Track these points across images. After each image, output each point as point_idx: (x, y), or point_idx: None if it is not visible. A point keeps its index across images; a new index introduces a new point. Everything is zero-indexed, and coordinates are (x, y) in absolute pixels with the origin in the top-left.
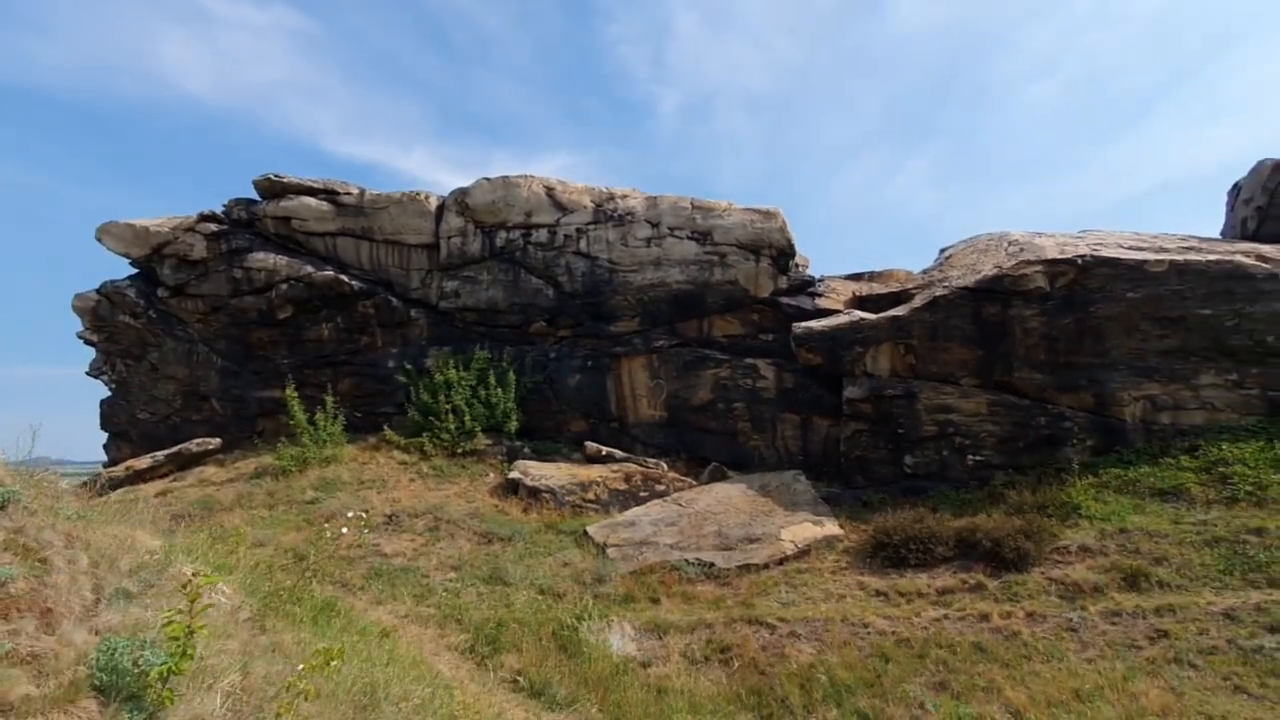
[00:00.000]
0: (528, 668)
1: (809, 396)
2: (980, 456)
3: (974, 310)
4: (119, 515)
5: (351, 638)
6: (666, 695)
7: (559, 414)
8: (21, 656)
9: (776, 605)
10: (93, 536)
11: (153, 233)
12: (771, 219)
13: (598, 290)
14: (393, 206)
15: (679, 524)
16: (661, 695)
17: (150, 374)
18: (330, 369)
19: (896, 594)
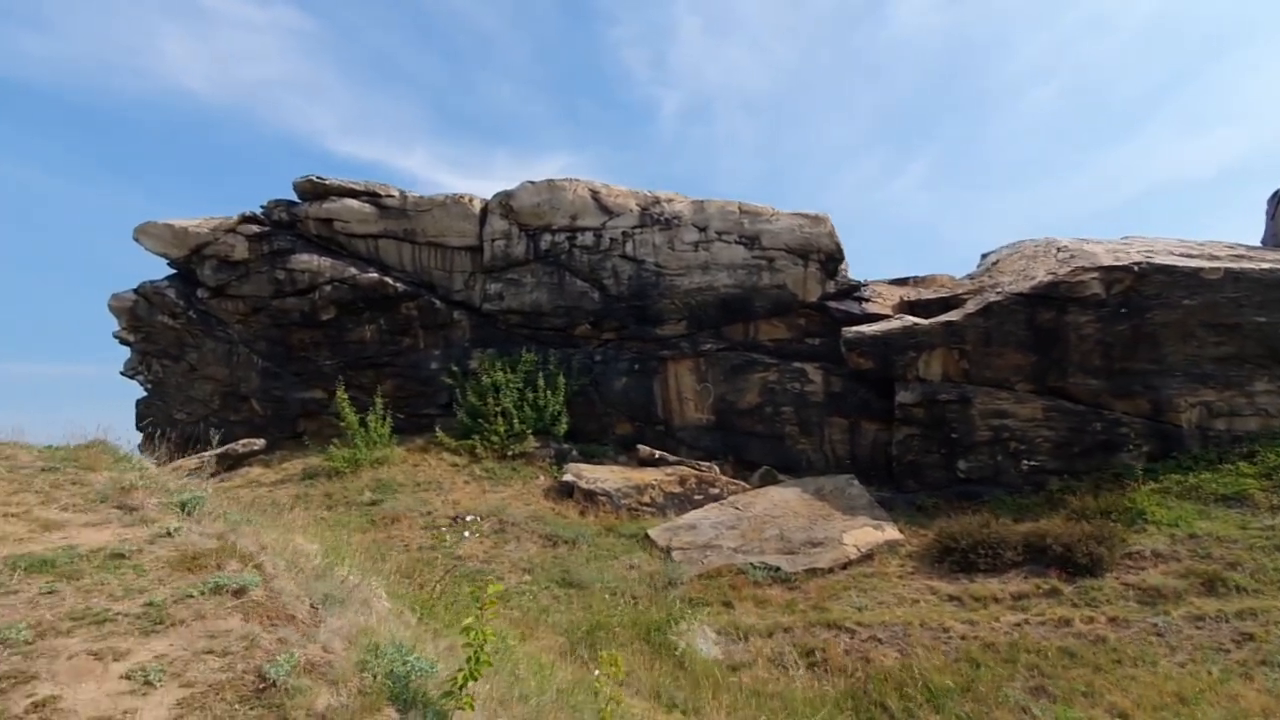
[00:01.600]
0: (635, 670)
1: (857, 401)
2: (1035, 462)
3: (1029, 316)
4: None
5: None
6: (765, 699)
7: (604, 417)
8: (304, 665)
9: (850, 610)
10: (266, 541)
11: (192, 233)
12: (820, 224)
13: (644, 293)
14: (436, 209)
15: (739, 527)
16: (760, 699)
17: (188, 374)
18: (372, 370)
19: (971, 599)
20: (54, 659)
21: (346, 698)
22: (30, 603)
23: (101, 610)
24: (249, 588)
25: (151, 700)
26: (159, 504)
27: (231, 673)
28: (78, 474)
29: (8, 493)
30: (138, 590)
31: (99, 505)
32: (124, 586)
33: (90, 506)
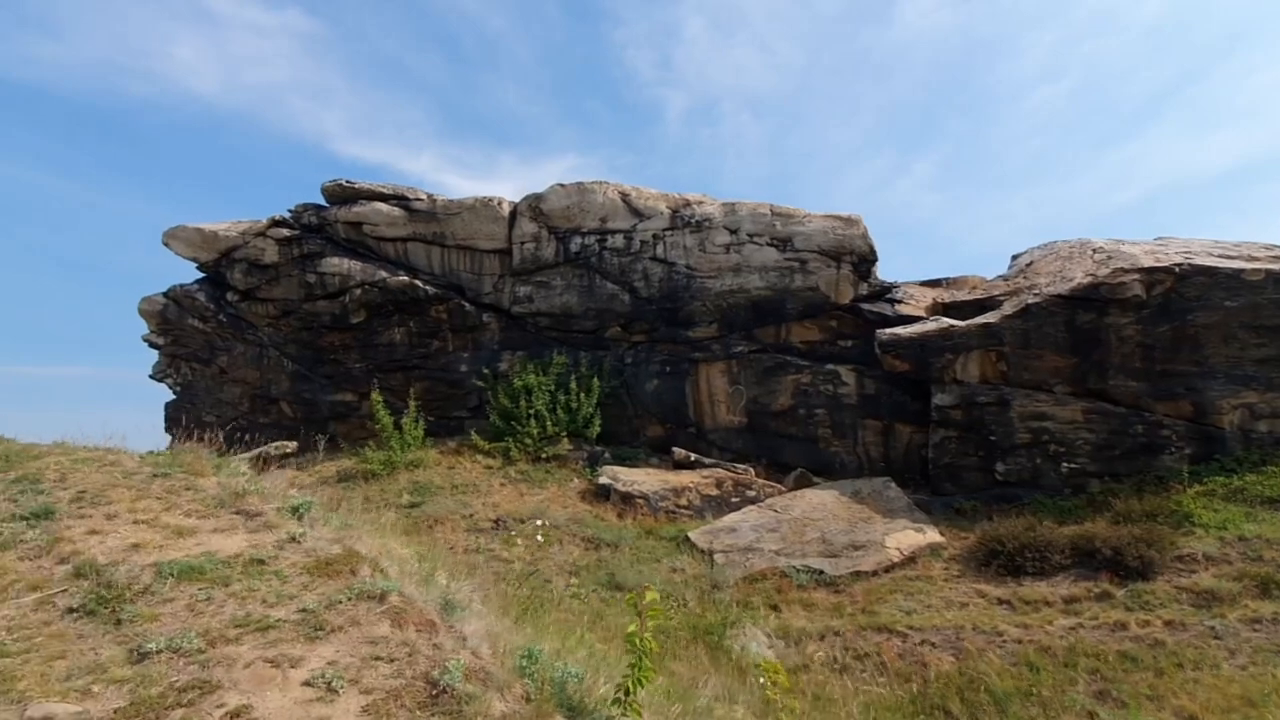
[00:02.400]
0: (699, 674)
1: (891, 403)
2: (1075, 464)
3: (1068, 318)
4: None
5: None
6: (827, 704)
7: (635, 419)
8: (468, 671)
9: (899, 613)
10: (369, 545)
11: (221, 237)
12: (853, 225)
13: (675, 296)
14: (465, 212)
15: (779, 530)
16: (823, 703)
17: (217, 377)
18: (402, 373)
19: (1021, 602)
20: (231, 667)
21: (515, 704)
22: (190, 610)
23: (261, 617)
24: (388, 594)
25: (338, 707)
26: (276, 510)
27: (403, 679)
28: (188, 480)
29: (132, 500)
30: (288, 596)
31: (219, 511)
32: (274, 593)
33: (211, 512)
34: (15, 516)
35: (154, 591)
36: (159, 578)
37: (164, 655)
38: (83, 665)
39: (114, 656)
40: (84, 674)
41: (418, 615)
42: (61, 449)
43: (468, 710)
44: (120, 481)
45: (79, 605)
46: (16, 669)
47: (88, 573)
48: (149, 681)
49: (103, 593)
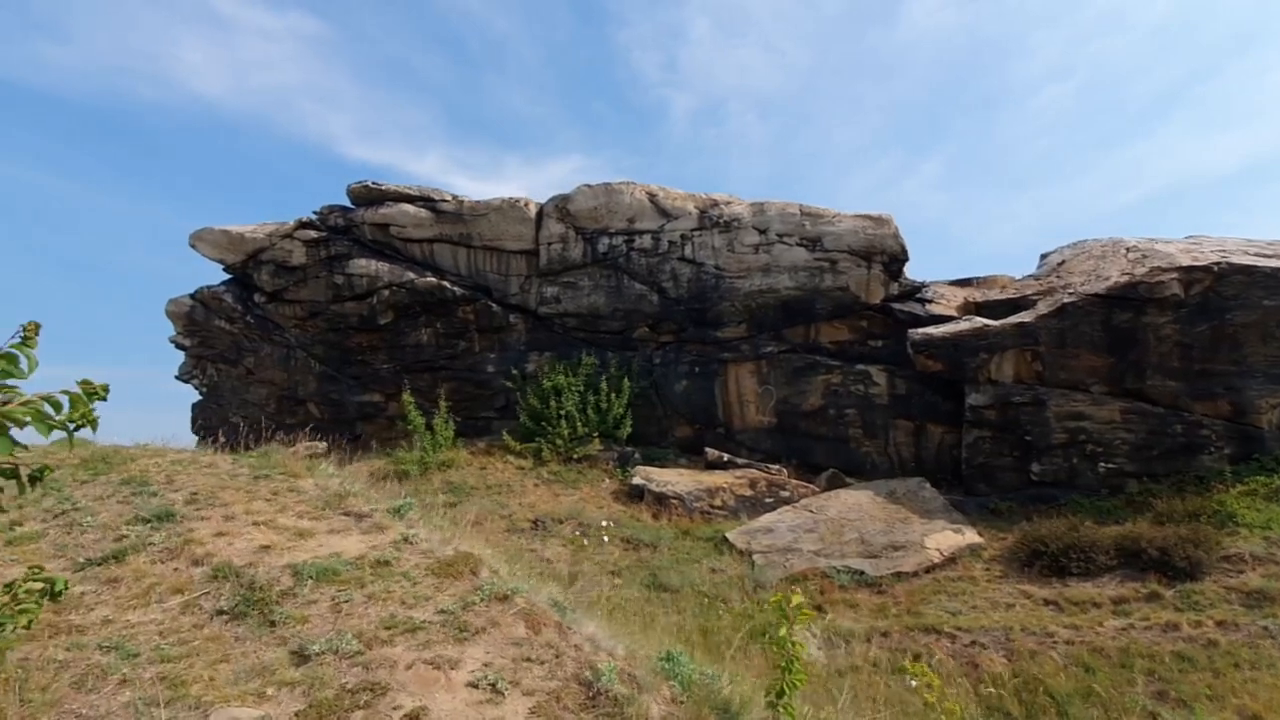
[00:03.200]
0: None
1: (923, 403)
2: (1113, 464)
3: (1105, 317)
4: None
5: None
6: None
7: (664, 419)
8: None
9: (944, 614)
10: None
11: (248, 239)
12: (884, 225)
13: (704, 296)
14: (492, 213)
15: (817, 530)
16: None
17: (243, 378)
18: (429, 374)
19: (1068, 603)
20: (393, 669)
21: (668, 706)
22: (335, 611)
23: (406, 619)
24: (514, 595)
25: (507, 709)
26: (380, 511)
27: (557, 680)
28: (289, 481)
29: (245, 501)
30: (423, 598)
31: (327, 512)
32: (409, 594)
33: (320, 514)
34: (137, 519)
35: (296, 594)
36: (298, 580)
37: (326, 657)
38: (248, 668)
39: (277, 659)
40: (252, 677)
41: (545, 617)
42: (149, 451)
43: (628, 712)
44: (227, 483)
45: (228, 608)
46: (183, 673)
47: (227, 575)
48: (320, 684)
49: (249, 595)
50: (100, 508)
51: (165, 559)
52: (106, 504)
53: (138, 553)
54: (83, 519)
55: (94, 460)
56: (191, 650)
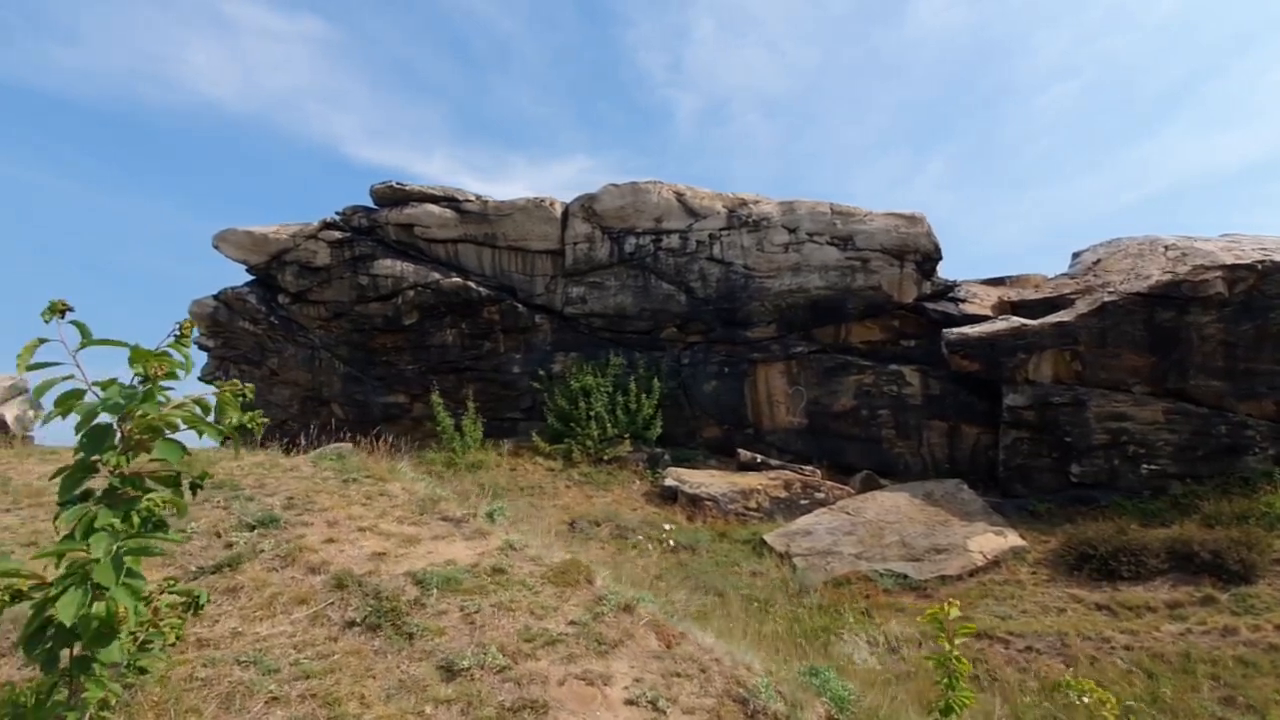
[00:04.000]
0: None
1: (957, 403)
2: (1155, 465)
3: (1147, 316)
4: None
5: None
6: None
7: (692, 420)
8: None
9: (995, 619)
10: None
11: (271, 240)
12: (916, 224)
13: (733, 296)
14: (517, 213)
15: (856, 533)
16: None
17: (267, 379)
18: (454, 374)
19: (1121, 607)
20: (545, 684)
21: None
22: (468, 622)
23: (540, 630)
24: (635, 605)
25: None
26: (479, 515)
27: (711, 697)
28: (378, 485)
29: (342, 506)
30: (549, 608)
31: (424, 517)
32: (535, 604)
33: (418, 519)
34: (241, 525)
35: (424, 604)
36: (423, 589)
37: (475, 672)
38: (396, 684)
39: (425, 674)
40: (404, 693)
41: (670, 628)
42: (224, 454)
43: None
44: (319, 487)
45: (359, 619)
46: (332, 690)
47: (349, 584)
48: (478, 701)
49: (378, 605)
50: (198, 513)
51: (280, 566)
52: (203, 509)
53: (251, 560)
54: (183, 524)
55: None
56: (333, 665)
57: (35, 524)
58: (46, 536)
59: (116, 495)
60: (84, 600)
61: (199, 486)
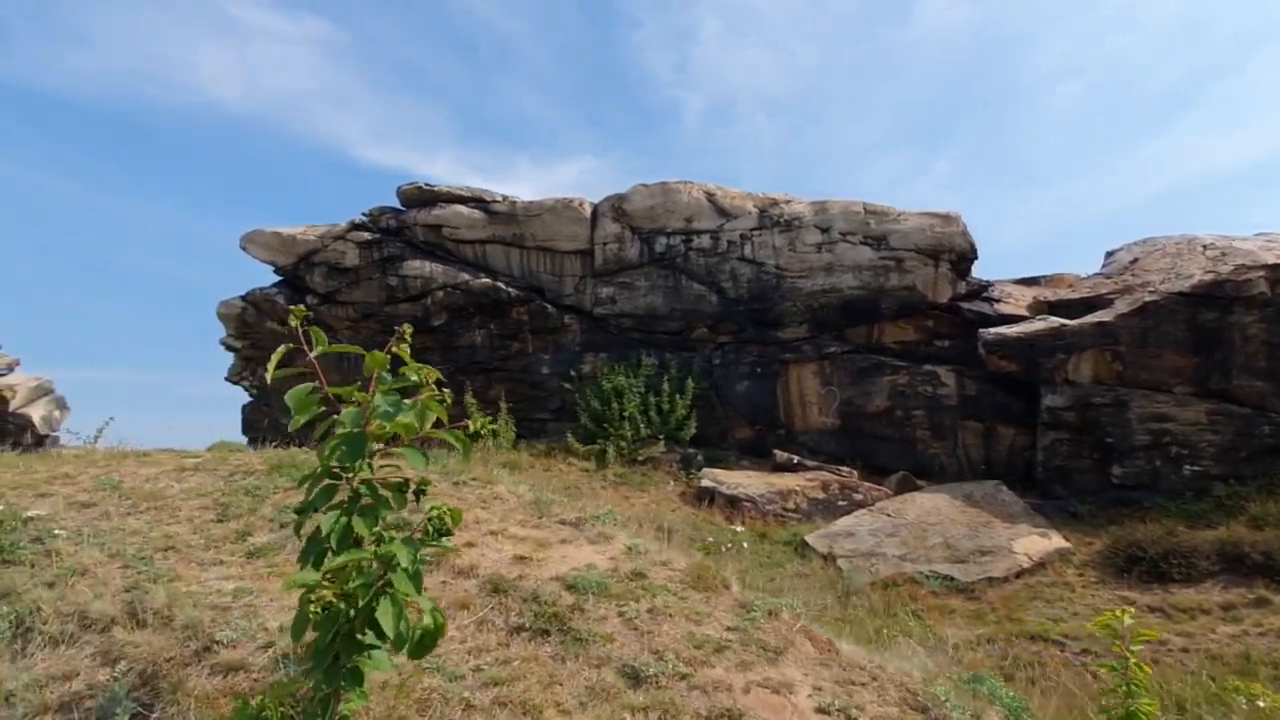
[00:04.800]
0: None
1: (993, 404)
2: (1198, 467)
3: (1189, 316)
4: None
5: None
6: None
7: (723, 421)
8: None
9: (1047, 621)
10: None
11: (299, 241)
12: (952, 223)
13: (764, 296)
14: (546, 214)
15: (899, 535)
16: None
17: (294, 380)
18: (482, 375)
19: (1174, 610)
20: (730, 692)
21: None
22: (630, 628)
23: (705, 636)
24: (780, 611)
25: None
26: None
27: (893, 705)
28: (488, 489)
29: (467, 509)
30: (702, 613)
31: (543, 521)
32: (689, 610)
33: (538, 522)
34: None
35: (584, 609)
36: (577, 594)
37: (660, 679)
38: (584, 690)
39: (611, 681)
40: (596, 700)
41: (819, 633)
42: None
43: None
44: (435, 489)
45: (527, 625)
46: (524, 696)
47: (505, 589)
48: (673, 709)
49: (539, 610)
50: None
51: (429, 571)
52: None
53: None
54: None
55: (283, 465)
56: (516, 672)
57: (163, 527)
58: (182, 540)
59: (362, 503)
60: (399, 611)
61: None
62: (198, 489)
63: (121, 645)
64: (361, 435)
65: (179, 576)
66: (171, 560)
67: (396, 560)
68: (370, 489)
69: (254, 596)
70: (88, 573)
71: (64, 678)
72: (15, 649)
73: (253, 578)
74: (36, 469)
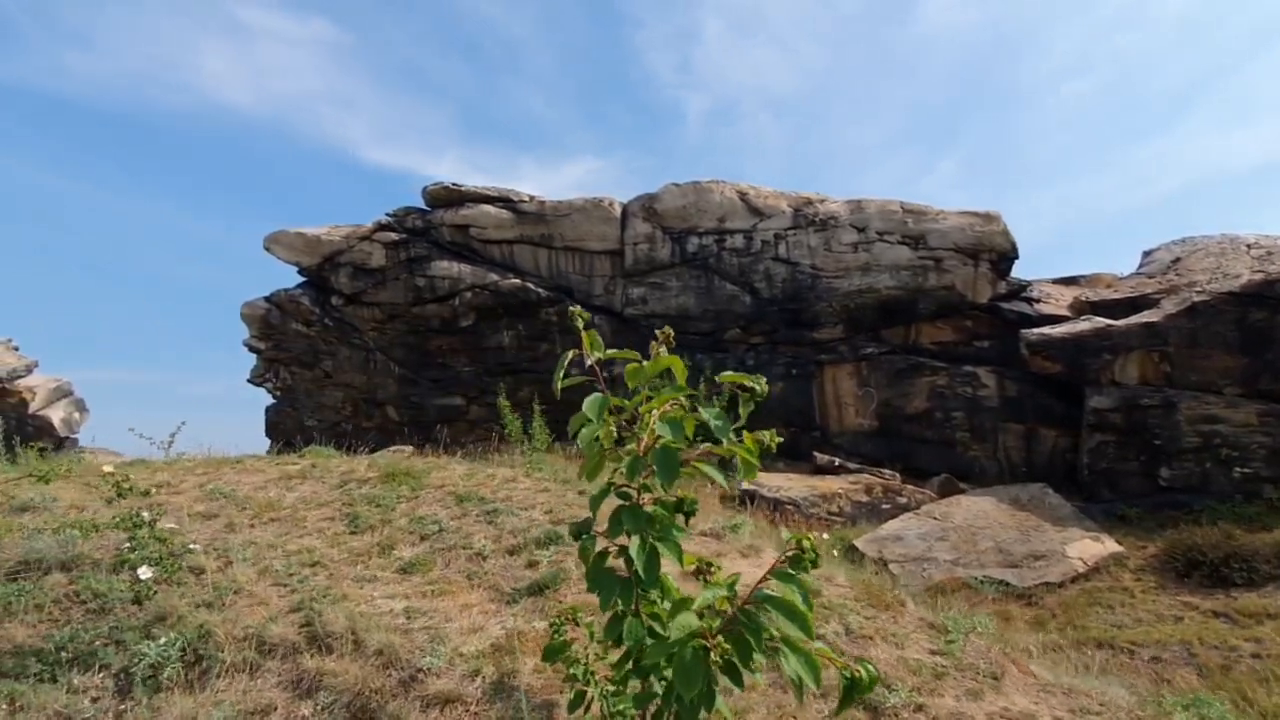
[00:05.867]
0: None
1: (1035, 405)
2: (1248, 469)
3: (1239, 316)
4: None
5: None
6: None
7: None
8: None
9: (1110, 627)
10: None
11: (324, 241)
12: (992, 222)
13: (799, 296)
14: (575, 213)
15: (948, 539)
16: None
17: (318, 381)
18: (510, 376)
19: (1240, 615)
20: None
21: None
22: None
23: (916, 661)
24: (971, 629)
25: None
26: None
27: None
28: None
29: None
30: (901, 636)
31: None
32: (883, 631)
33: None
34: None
35: None
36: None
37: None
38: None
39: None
40: None
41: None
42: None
43: None
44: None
45: None
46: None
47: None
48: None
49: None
50: (464, 528)
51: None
52: (464, 523)
53: (565, 583)
54: (454, 540)
55: (396, 474)
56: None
57: (296, 540)
58: (322, 554)
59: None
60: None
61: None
62: (313, 498)
63: (314, 674)
64: (675, 452)
65: (345, 595)
66: (321, 576)
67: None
68: (667, 508)
69: (428, 617)
70: (242, 591)
71: (259, 712)
72: (192, 678)
73: (417, 596)
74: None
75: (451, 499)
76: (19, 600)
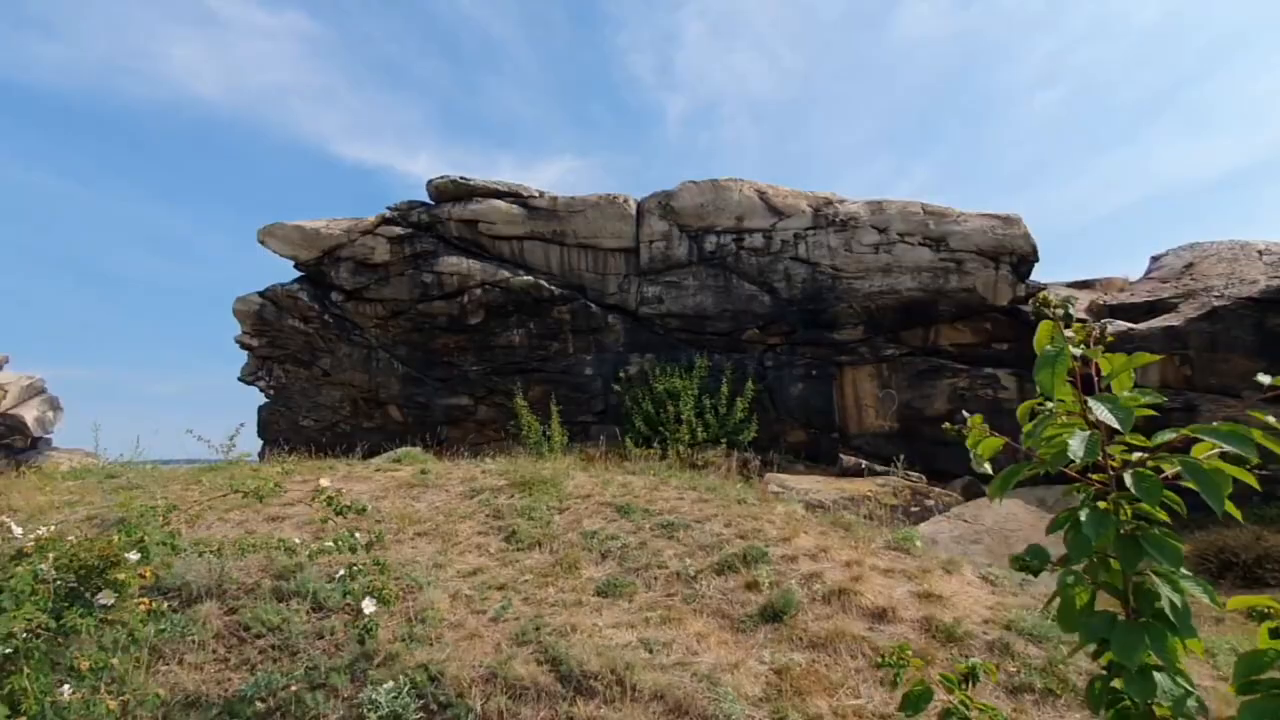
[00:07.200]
0: None
1: None
2: (1267, 471)
3: (1258, 320)
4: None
5: None
6: None
7: (775, 424)
8: None
9: None
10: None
11: (323, 235)
12: (1013, 225)
13: (819, 297)
14: (589, 210)
15: (982, 542)
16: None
17: (314, 380)
18: (520, 376)
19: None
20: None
21: None
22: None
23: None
24: None
25: None
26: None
27: None
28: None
29: (796, 536)
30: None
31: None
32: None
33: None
34: (731, 560)
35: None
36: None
37: None
38: None
39: None
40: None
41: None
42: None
43: None
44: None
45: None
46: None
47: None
48: None
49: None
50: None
51: (829, 615)
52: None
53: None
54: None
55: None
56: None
57: (458, 557)
58: (498, 574)
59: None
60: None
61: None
62: (450, 509)
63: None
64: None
65: (574, 626)
66: (517, 600)
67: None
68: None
69: (669, 650)
70: (444, 621)
71: None
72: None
73: (642, 624)
74: (202, 482)
75: (611, 510)
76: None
